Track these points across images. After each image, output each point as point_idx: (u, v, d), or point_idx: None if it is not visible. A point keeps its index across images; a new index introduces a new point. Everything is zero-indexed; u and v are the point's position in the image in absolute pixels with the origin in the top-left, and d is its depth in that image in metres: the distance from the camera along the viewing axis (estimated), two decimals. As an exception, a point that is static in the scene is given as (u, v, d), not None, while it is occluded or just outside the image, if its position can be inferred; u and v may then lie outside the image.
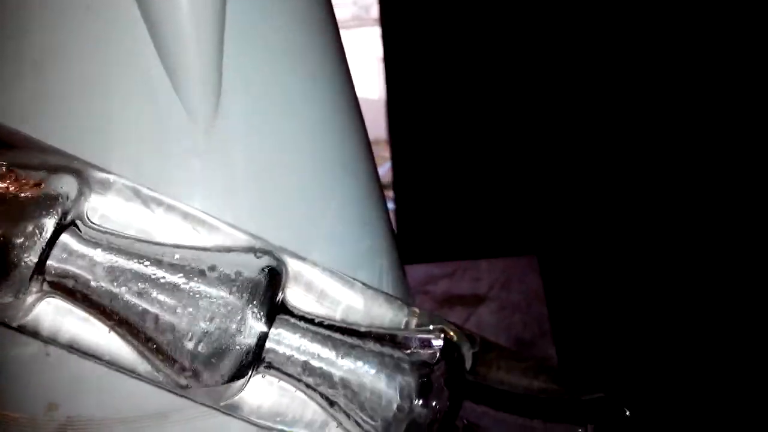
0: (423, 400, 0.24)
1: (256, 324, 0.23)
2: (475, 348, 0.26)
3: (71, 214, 0.23)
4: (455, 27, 1.06)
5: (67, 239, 0.23)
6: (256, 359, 0.23)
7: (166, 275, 0.23)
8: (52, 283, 0.23)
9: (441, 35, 1.08)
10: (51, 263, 0.22)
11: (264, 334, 0.23)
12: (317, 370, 0.24)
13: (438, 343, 0.25)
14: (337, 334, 0.24)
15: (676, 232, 0.98)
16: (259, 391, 0.24)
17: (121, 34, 0.25)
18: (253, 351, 0.23)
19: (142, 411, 0.25)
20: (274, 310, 0.23)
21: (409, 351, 0.24)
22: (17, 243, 0.22)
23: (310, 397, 0.24)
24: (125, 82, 0.25)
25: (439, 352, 0.24)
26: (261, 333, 0.23)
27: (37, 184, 0.23)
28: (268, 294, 0.23)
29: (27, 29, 0.25)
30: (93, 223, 0.24)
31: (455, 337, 0.25)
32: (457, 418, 0.24)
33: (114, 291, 0.23)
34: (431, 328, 0.25)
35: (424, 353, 0.24)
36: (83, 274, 0.22)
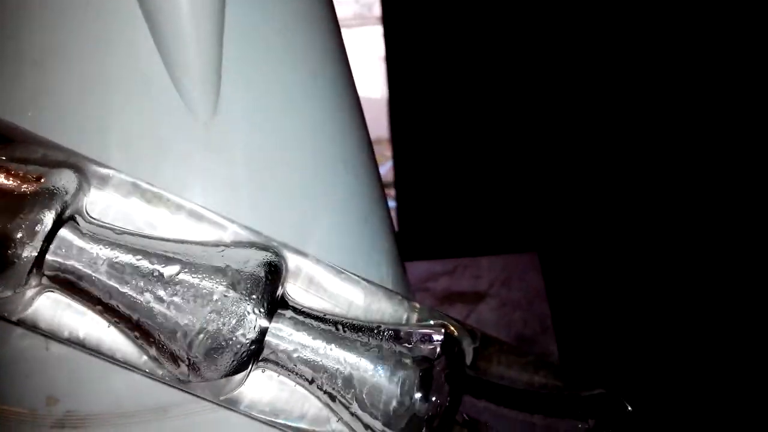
0: (423, 395, 0.24)
1: (256, 319, 0.23)
2: (476, 343, 0.26)
3: (70, 209, 0.23)
4: (457, 26, 1.06)
5: (66, 234, 0.23)
6: (256, 354, 0.23)
7: (165, 270, 0.23)
8: (51, 277, 0.23)
9: (443, 34, 1.07)
10: (50, 258, 0.22)
11: (264, 329, 0.23)
12: (317, 364, 0.23)
13: (438, 338, 0.24)
14: (338, 329, 0.24)
15: (677, 229, 0.98)
16: (259, 386, 0.24)
17: (121, 31, 0.25)
18: (252, 345, 0.23)
19: (142, 405, 0.25)
20: (275, 305, 0.23)
21: (410, 346, 0.24)
22: (16, 237, 0.22)
23: (311, 391, 0.24)
24: (125, 79, 0.25)
25: (439, 347, 0.24)
26: (261, 327, 0.23)
27: (36, 179, 0.23)
28: (268, 289, 0.23)
29: (27, 29, 0.26)
30: (92, 217, 0.24)
31: (456, 332, 0.25)
32: (458, 412, 0.24)
33: (113, 286, 0.23)
34: (432, 323, 0.25)
35: (424, 348, 0.24)
36: (82, 269, 0.22)
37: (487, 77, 1.06)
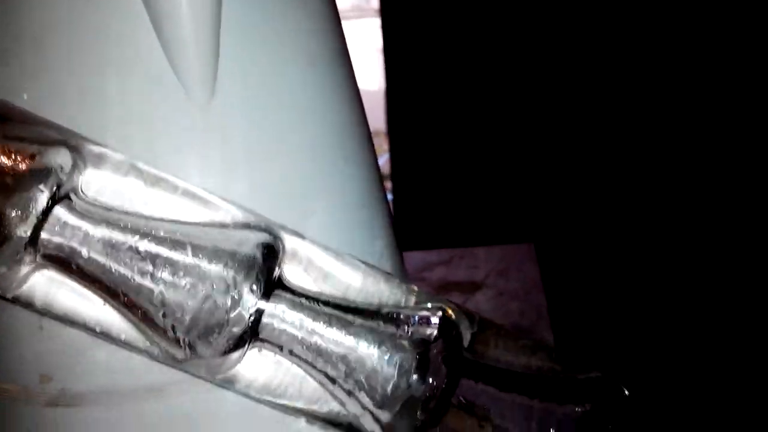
0: (420, 377, 0.24)
1: (251, 299, 0.23)
2: (474, 327, 0.26)
3: (65, 187, 0.23)
4: (455, 19, 1.06)
5: (60, 212, 0.22)
6: (252, 334, 0.23)
7: (161, 250, 0.23)
8: (45, 255, 0.22)
9: (441, 27, 1.07)
10: (44, 236, 0.22)
11: (260, 310, 0.23)
12: (314, 346, 0.23)
13: (436, 320, 0.24)
14: (335, 310, 0.24)
15: (672, 219, 0.98)
16: (256, 366, 0.24)
17: (118, 12, 0.25)
18: (248, 326, 0.23)
19: (137, 384, 0.25)
20: (271, 286, 0.23)
21: (407, 328, 0.24)
22: (11, 215, 0.22)
23: (307, 372, 0.24)
24: (123, 59, 0.25)
25: (437, 329, 0.24)
26: (257, 308, 0.23)
27: (31, 157, 0.23)
28: (264, 270, 0.23)
29: (26, 5, 0.25)
30: (87, 196, 0.23)
31: (453, 315, 0.25)
32: (454, 395, 0.24)
33: (108, 265, 0.22)
34: (429, 306, 0.25)
35: (421, 331, 0.24)
36: (77, 247, 0.22)
37: (485, 69, 1.06)
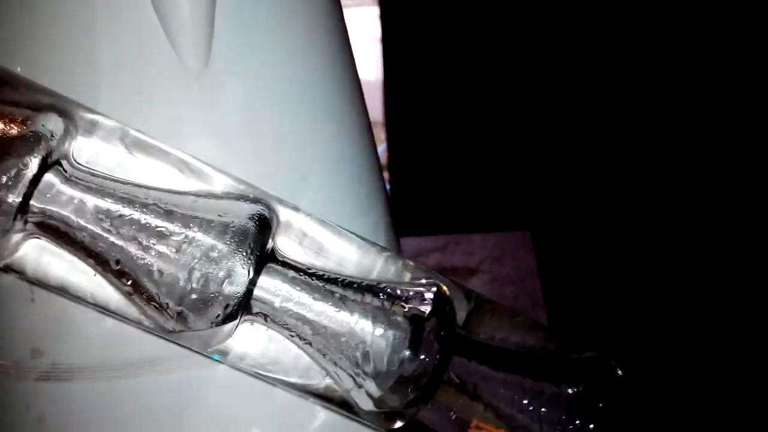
0: (412, 353, 0.23)
1: (244, 271, 0.22)
2: (471, 304, 0.25)
3: (56, 154, 0.22)
4: (454, 8, 1.06)
5: (51, 179, 0.22)
6: (244, 306, 0.23)
7: (153, 219, 0.22)
8: (36, 223, 0.22)
9: (440, 16, 1.07)
10: (35, 203, 0.22)
11: (252, 282, 0.23)
12: (306, 319, 0.23)
13: (430, 296, 0.24)
14: (329, 284, 0.24)
15: (668, 208, 0.98)
16: (248, 339, 0.24)
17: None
18: (240, 298, 0.22)
19: (128, 359, 0.25)
20: (264, 259, 0.23)
21: (401, 304, 0.24)
22: (0, 181, 0.21)
23: (300, 347, 0.24)
24: (116, 25, 0.25)
25: (430, 305, 0.24)
26: (249, 280, 0.22)
27: (22, 122, 0.22)
28: (257, 242, 0.23)
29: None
30: (79, 163, 0.23)
31: (448, 292, 0.25)
32: (446, 372, 0.24)
33: (98, 233, 0.22)
34: (424, 281, 0.25)
35: (415, 306, 0.24)
36: (67, 215, 0.22)
37: (482, 59, 1.06)
